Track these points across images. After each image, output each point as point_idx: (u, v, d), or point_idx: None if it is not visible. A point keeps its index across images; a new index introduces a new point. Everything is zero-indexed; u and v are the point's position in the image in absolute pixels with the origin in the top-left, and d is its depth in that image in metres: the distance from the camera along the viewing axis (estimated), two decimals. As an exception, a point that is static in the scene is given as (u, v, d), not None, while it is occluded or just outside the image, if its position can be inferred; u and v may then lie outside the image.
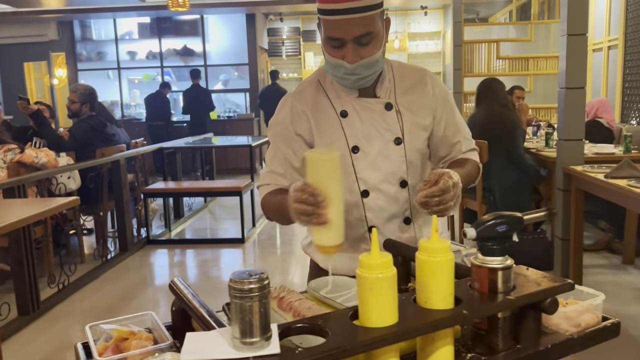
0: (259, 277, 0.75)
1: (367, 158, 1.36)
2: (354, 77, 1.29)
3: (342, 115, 1.37)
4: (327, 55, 1.31)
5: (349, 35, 1.24)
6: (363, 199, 1.38)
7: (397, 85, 1.40)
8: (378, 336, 0.80)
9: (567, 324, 1.04)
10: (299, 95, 1.43)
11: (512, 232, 0.96)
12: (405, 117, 1.38)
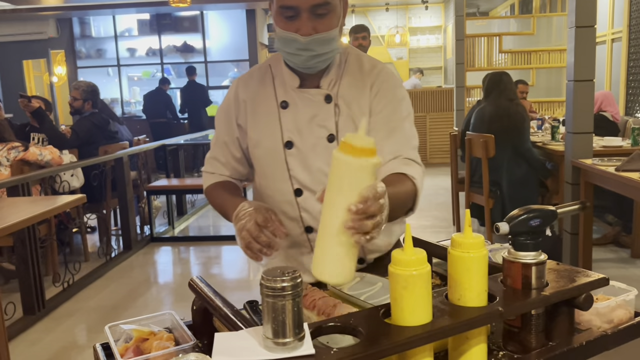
0: (292, 275, 0.73)
1: (299, 155, 1.26)
2: (307, 53, 1.18)
3: (282, 106, 1.28)
4: (278, 29, 1.20)
5: (304, 2, 1.13)
6: (297, 197, 1.28)
7: (345, 75, 1.28)
8: (414, 335, 0.77)
9: (600, 320, 1.01)
10: (244, 82, 1.34)
11: (545, 226, 0.94)
12: (343, 112, 1.25)
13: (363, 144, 0.82)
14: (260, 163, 1.32)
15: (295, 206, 1.29)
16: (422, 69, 10.22)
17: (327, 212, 0.86)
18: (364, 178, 0.83)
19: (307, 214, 1.29)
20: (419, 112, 8.70)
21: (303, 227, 1.31)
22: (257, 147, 1.30)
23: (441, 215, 5.27)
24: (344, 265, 0.86)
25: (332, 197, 0.85)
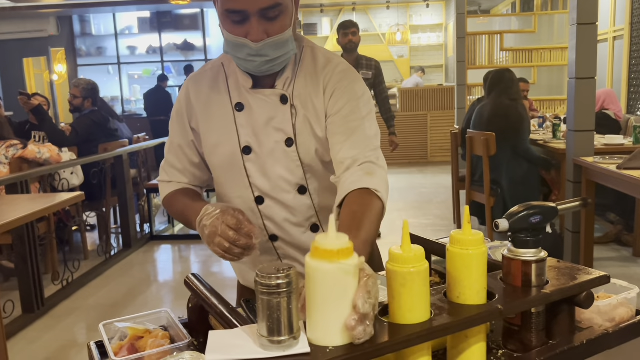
0: (287, 272, 0.71)
1: (258, 161, 1.18)
2: (260, 58, 1.08)
3: (237, 108, 1.18)
4: (226, 33, 1.10)
5: (253, 6, 1.03)
6: (258, 205, 1.22)
7: (300, 73, 1.18)
8: (412, 333, 0.76)
9: (601, 318, 0.99)
10: (195, 83, 1.24)
11: (546, 223, 0.92)
12: (299, 114, 1.16)
13: (337, 245, 0.72)
14: (218, 170, 1.24)
15: (258, 214, 1.23)
16: (423, 67, 10.21)
17: (316, 325, 0.74)
18: (348, 284, 0.72)
19: (270, 222, 1.23)
20: (420, 110, 8.68)
21: (267, 236, 1.25)
22: (214, 153, 1.22)
23: (442, 214, 5.26)
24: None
25: (317, 309, 0.73)
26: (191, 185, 1.30)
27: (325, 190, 1.22)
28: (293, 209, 1.22)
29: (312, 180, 1.21)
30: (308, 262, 0.73)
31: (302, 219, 1.23)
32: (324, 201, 1.23)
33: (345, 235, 0.74)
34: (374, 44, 11.03)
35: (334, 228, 0.73)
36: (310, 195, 1.21)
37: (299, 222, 1.23)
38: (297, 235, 1.24)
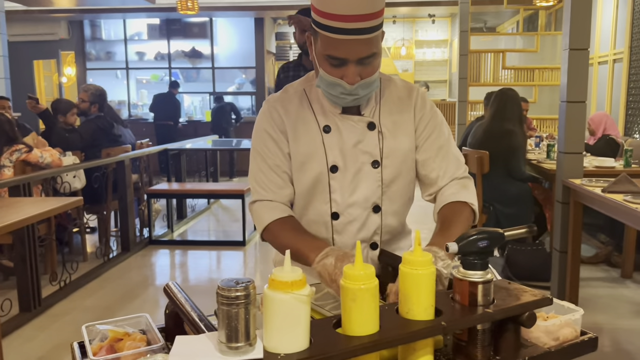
0: (245, 285, 0.79)
1: (343, 179, 1.29)
2: (351, 97, 1.22)
3: (324, 130, 1.29)
4: (322, 72, 1.21)
5: (353, 56, 1.16)
6: (332, 220, 1.32)
7: (384, 102, 1.32)
8: (359, 344, 0.84)
9: (547, 337, 1.07)
10: (282, 102, 1.34)
11: (492, 247, 1.00)
12: (387, 139, 1.30)
13: (291, 277, 0.81)
14: (303, 185, 1.33)
15: (330, 229, 1.33)
16: (427, 82, 10.29)
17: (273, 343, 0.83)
18: (301, 311, 0.82)
19: (339, 236, 1.34)
20: (422, 124, 8.75)
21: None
22: (302, 169, 1.31)
23: (437, 228, 5.32)
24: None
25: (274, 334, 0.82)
26: (289, 202, 1.36)
27: (392, 212, 1.36)
28: (363, 225, 1.33)
29: (386, 202, 1.34)
30: (266, 292, 0.82)
31: (368, 236, 1.35)
32: (389, 222, 1.36)
33: (298, 269, 0.83)
34: (380, 57, 11.14)
35: (289, 262, 0.83)
36: (381, 215, 1.34)
37: (364, 238, 1.35)
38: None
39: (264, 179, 1.34)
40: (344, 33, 1.13)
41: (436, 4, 9.41)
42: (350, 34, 1.13)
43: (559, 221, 3.43)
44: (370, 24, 1.14)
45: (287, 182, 1.34)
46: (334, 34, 1.14)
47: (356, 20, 1.12)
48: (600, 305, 3.43)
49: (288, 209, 1.35)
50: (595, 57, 6.63)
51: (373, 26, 1.15)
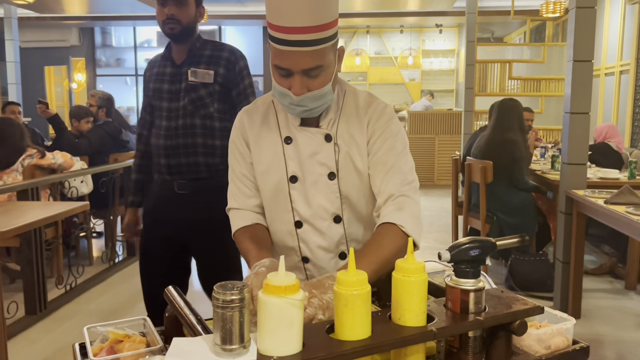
0: (240, 289, 0.82)
1: (302, 189, 1.33)
2: (300, 108, 1.24)
3: (285, 141, 1.33)
4: (273, 82, 1.25)
5: (297, 67, 1.18)
6: (297, 229, 1.36)
7: (343, 114, 1.34)
8: (350, 348, 0.86)
9: (539, 345, 1.09)
10: (248, 115, 1.39)
11: (484, 256, 1.02)
12: (342, 151, 1.31)
13: (285, 282, 0.84)
14: (266, 194, 1.37)
15: (295, 237, 1.37)
16: (432, 91, 10.31)
17: (266, 346, 0.85)
18: (294, 315, 0.84)
19: (305, 245, 1.37)
20: (429, 133, 8.78)
21: (300, 257, 1.39)
22: (263, 179, 1.36)
23: (441, 238, 5.33)
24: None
25: (267, 336, 0.85)
26: (259, 210, 1.41)
27: (356, 221, 1.37)
28: (327, 235, 1.36)
29: (346, 212, 1.35)
30: (260, 296, 0.85)
31: (333, 246, 1.37)
32: (354, 232, 1.38)
33: (292, 274, 0.86)
34: (386, 66, 11.21)
35: (283, 267, 0.86)
36: (343, 224, 1.36)
37: (329, 248, 1.37)
38: (326, 260, 1.38)
39: (233, 188, 1.42)
40: (286, 45, 1.17)
41: (443, 14, 9.46)
42: (292, 46, 1.16)
43: (562, 232, 3.44)
44: (313, 36, 1.16)
45: (253, 191, 1.40)
46: (278, 45, 1.18)
47: (299, 32, 1.15)
48: (604, 317, 3.42)
49: (255, 217, 1.40)
50: (602, 69, 6.63)
51: (316, 39, 1.16)
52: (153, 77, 2.12)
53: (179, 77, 2.07)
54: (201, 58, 2.06)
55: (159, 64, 2.13)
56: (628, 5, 5.90)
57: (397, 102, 10.29)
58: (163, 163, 2.07)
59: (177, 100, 2.06)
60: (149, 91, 2.15)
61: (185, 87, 2.04)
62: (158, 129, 2.10)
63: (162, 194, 2.13)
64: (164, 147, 2.06)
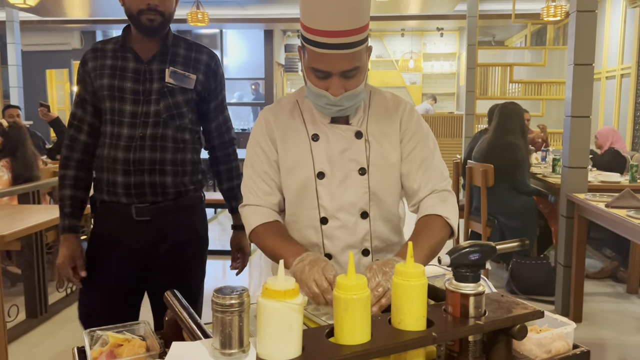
0: (239, 293, 0.82)
1: (330, 185, 1.34)
2: (336, 108, 1.27)
3: (313, 138, 1.35)
4: (309, 84, 1.28)
5: (336, 69, 1.21)
6: (322, 225, 1.37)
7: (371, 112, 1.38)
8: (349, 353, 0.86)
9: (539, 350, 1.08)
10: (274, 113, 1.41)
11: (484, 260, 1.01)
12: (373, 147, 1.35)
13: (284, 287, 0.84)
14: (291, 190, 1.38)
15: (320, 233, 1.37)
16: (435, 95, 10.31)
17: (266, 350, 0.86)
18: (293, 319, 0.84)
19: (329, 241, 1.38)
20: (430, 137, 8.78)
21: (323, 254, 1.39)
22: (289, 176, 1.37)
23: (442, 241, 5.32)
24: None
25: (267, 341, 0.85)
26: (279, 209, 1.43)
27: (382, 219, 1.39)
28: (352, 231, 1.37)
29: (373, 208, 1.37)
30: (260, 301, 0.85)
31: (357, 242, 1.38)
32: (378, 229, 1.40)
33: (292, 278, 0.86)
34: (387, 69, 11.22)
35: (283, 271, 0.86)
36: (369, 221, 1.37)
37: (354, 244, 1.38)
38: (346, 257, 1.38)
39: (252, 185, 1.41)
40: (326, 48, 1.19)
41: (444, 18, 9.47)
42: (332, 49, 1.19)
43: (563, 235, 3.43)
44: (352, 39, 1.19)
45: (274, 189, 1.40)
46: (317, 48, 1.20)
47: (338, 35, 1.18)
48: (605, 321, 3.41)
49: (274, 214, 1.41)
50: (603, 72, 6.63)
51: (355, 41, 1.20)
52: (106, 70, 1.68)
53: (147, 75, 1.68)
54: (176, 57, 1.72)
55: (112, 55, 1.70)
56: (629, 9, 5.90)
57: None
58: (119, 182, 1.65)
59: (147, 103, 1.67)
60: (98, 88, 1.68)
61: (158, 89, 1.67)
62: (114, 137, 1.66)
63: (113, 221, 1.71)
64: (123, 162, 1.64)
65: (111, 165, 1.66)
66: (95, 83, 1.70)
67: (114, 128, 1.67)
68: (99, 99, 1.70)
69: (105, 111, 1.69)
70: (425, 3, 8.31)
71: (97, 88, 1.69)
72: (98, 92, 1.69)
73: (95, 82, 1.70)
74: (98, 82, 1.69)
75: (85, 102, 1.73)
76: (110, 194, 1.69)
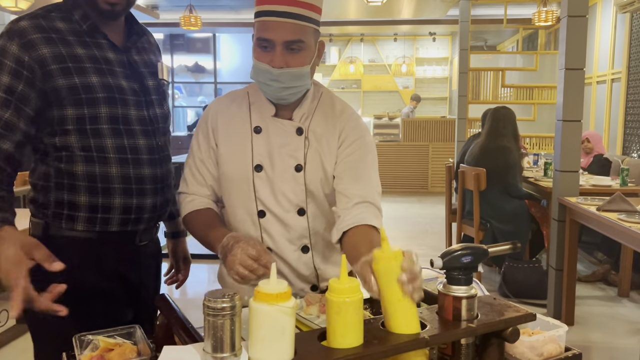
0: (231, 297, 0.82)
1: (267, 179, 1.34)
2: (277, 84, 1.27)
3: (255, 130, 1.35)
4: (254, 60, 1.29)
5: (279, 37, 1.24)
6: (259, 219, 1.36)
7: (317, 112, 1.38)
8: (342, 357, 0.86)
9: (531, 353, 1.08)
10: (220, 104, 1.42)
11: (476, 263, 1.02)
12: (312, 146, 1.35)
13: (276, 290, 0.84)
14: (229, 181, 1.38)
15: (258, 227, 1.37)
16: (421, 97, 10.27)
17: (259, 354, 0.85)
18: (286, 323, 0.83)
19: (267, 235, 1.37)
20: (422, 141, 8.81)
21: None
22: (227, 165, 1.37)
23: (435, 245, 5.33)
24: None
25: (259, 344, 0.84)
26: (211, 199, 1.43)
27: (320, 216, 1.39)
28: (290, 227, 1.36)
29: (311, 205, 1.37)
30: (251, 304, 0.84)
31: (296, 238, 1.38)
32: (317, 226, 1.39)
33: (284, 282, 0.86)
34: (380, 74, 11.25)
35: (275, 274, 0.85)
36: (307, 218, 1.37)
37: (292, 240, 1.38)
38: (289, 252, 1.38)
39: (188, 173, 1.42)
40: (272, 15, 1.24)
41: (437, 23, 9.51)
42: (277, 17, 1.23)
43: (555, 239, 3.45)
44: (300, 11, 1.24)
45: (207, 181, 1.40)
46: (264, 17, 1.25)
47: (286, 3, 1.23)
48: (597, 324, 3.43)
49: (207, 202, 1.41)
50: (593, 77, 6.68)
51: (300, 14, 1.24)
52: (86, 64, 1.29)
53: (132, 68, 1.38)
54: (144, 44, 1.47)
55: (77, 40, 1.30)
56: (619, 15, 5.95)
57: (391, 110, 10.32)
58: (121, 204, 1.34)
59: (150, 106, 1.41)
60: (67, 87, 1.26)
61: (155, 87, 1.44)
62: (116, 150, 1.33)
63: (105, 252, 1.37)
64: (139, 179, 1.36)
65: (107, 185, 1.32)
66: (57, 80, 1.25)
67: (114, 139, 1.32)
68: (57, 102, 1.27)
69: (83, 120, 1.28)
70: (417, 8, 8.35)
71: (64, 87, 1.26)
72: (62, 92, 1.26)
73: (57, 79, 1.26)
74: (69, 80, 1.26)
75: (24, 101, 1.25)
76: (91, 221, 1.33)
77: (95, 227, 1.34)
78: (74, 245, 1.33)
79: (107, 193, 1.33)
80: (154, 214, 1.43)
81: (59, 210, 1.33)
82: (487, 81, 7.95)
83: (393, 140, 8.94)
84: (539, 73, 7.93)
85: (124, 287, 1.42)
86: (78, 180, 1.32)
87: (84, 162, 1.31)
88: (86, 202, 1.32)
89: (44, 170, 1.34)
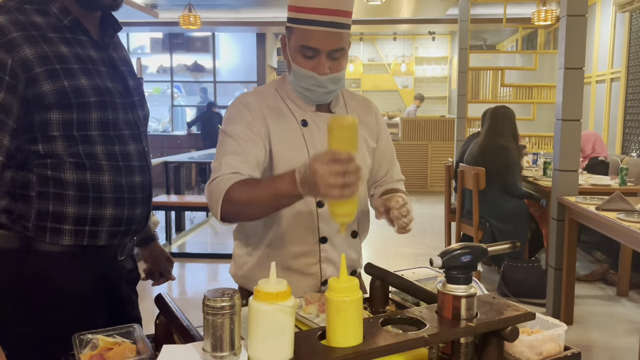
0: (231, 296, 0.82)
1: None
2: (321, 89, 1.32)
3: (302, 124, 1.38)
4: (295, 66, 1.31)
5: (326, 47, 1.28)
6: (318, 209, 1.38)
7: (349, 104, 1.48)
8: (342, 355, 0.86)
9: (531, 352, 1.09)
10: (259, 97, 1.38)
11: (476, 262, 1.02)
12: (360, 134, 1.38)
13: (276, 289, 0.83)
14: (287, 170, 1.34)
15: (315, 217, 1.39)
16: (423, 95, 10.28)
17: (258, 353, 0.85)
18: (285, 322, 0.83)
19: (324, 225, 1.40)
20: (422, 140, 8.81)
21: (318, 237, 1.40)
22: (283, 158, 1.35)
23: (434, 244, 5.33)
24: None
25: (258, 343, 0.84)
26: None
27: (363, 199, 1.48)
28: None
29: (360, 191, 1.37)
30: (251, 303, 0.84)
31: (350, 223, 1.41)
32: (361, 208, 1.46)
33: (284, 281, 0.85)
34: (379, 73, 11.26)
35: (274, 274, 0.85)
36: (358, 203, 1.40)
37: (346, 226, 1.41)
38: (342, 239, 1.44)
39: (229, 158, 1.26)
40: (319, 25, 1.27)
41: (436, 22, 9.51)
42: (324, 26, 1.27)
43: (554, 238, 3.45)
44: (342, 20, 1.29)
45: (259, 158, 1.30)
46: (310, 25, 1.27)
47: (330, 14, 1.27)
48: (596, 323, 3.43)
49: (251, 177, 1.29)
50: (593, 76, 6.69)
51: (343, 23, 1.29)
52: (73, 64, 1.18)
53: (113, 68, 1.29)
54: (117, 38, 1.37)
55: (58, 36, 1.18)
56: (618, 14, 5.96)
57: (390, 109, 10.33)
58: (112, 215, 1.25)
59: (132, 108, 1.31)
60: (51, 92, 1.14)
61: (135, 86, 1.34)
62: (107, 157, 1.23)
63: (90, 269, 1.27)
64: (129, 189, 1.26)
65: (96, 194, 1.22)
66: (42, 85, 1.13)
67: (105, 146, 1.23)
68: (39, 108, 1.15)
69: (70, 125, 1.18)
70: (417, 7, 8.35)
71: (50, 92, 1.14)
72: (49, 98, 1.14)
73: (42, 84, 1.13)
74: (56, 84, 1.15)
75: (7, 113, 1.12)
76: (78, 235, 1.23)
77: (83, 240, 1.23)
78: (59, 262, 1.22)
79: (99, 203, 1.22)
80: (140, 225, 1.33)
81: (42, 223, 1.19)
82: (487, 80, 7.95)
83: (392, 139, 8.89)
84: (538, 72, 7.93)
85: (107, 307, 1.33)
86: (67, 189, 1.19)
87: (74, 169, 1.20)
88: (74, 213, 1.20)
89: (21, 177, 1.19)
